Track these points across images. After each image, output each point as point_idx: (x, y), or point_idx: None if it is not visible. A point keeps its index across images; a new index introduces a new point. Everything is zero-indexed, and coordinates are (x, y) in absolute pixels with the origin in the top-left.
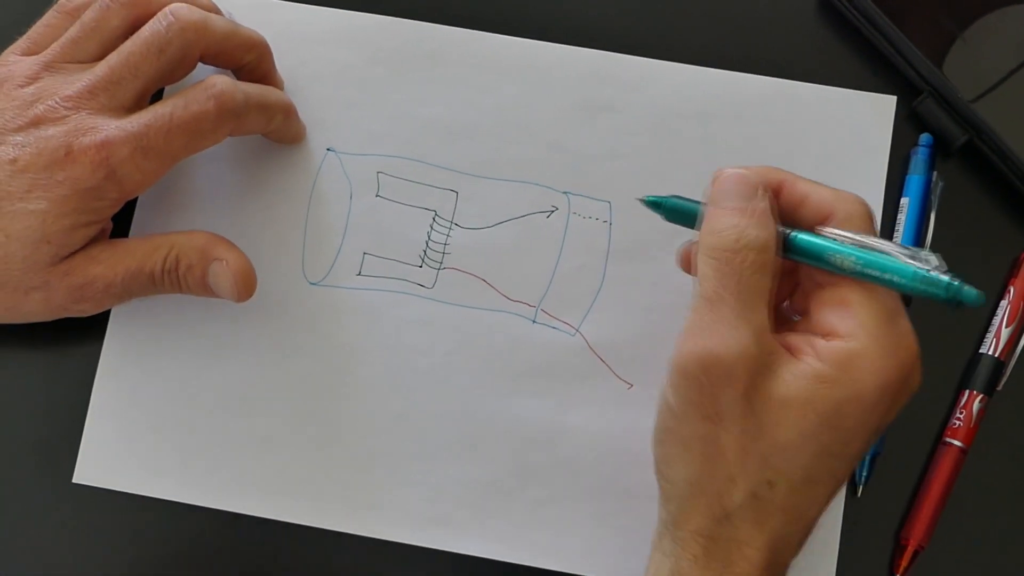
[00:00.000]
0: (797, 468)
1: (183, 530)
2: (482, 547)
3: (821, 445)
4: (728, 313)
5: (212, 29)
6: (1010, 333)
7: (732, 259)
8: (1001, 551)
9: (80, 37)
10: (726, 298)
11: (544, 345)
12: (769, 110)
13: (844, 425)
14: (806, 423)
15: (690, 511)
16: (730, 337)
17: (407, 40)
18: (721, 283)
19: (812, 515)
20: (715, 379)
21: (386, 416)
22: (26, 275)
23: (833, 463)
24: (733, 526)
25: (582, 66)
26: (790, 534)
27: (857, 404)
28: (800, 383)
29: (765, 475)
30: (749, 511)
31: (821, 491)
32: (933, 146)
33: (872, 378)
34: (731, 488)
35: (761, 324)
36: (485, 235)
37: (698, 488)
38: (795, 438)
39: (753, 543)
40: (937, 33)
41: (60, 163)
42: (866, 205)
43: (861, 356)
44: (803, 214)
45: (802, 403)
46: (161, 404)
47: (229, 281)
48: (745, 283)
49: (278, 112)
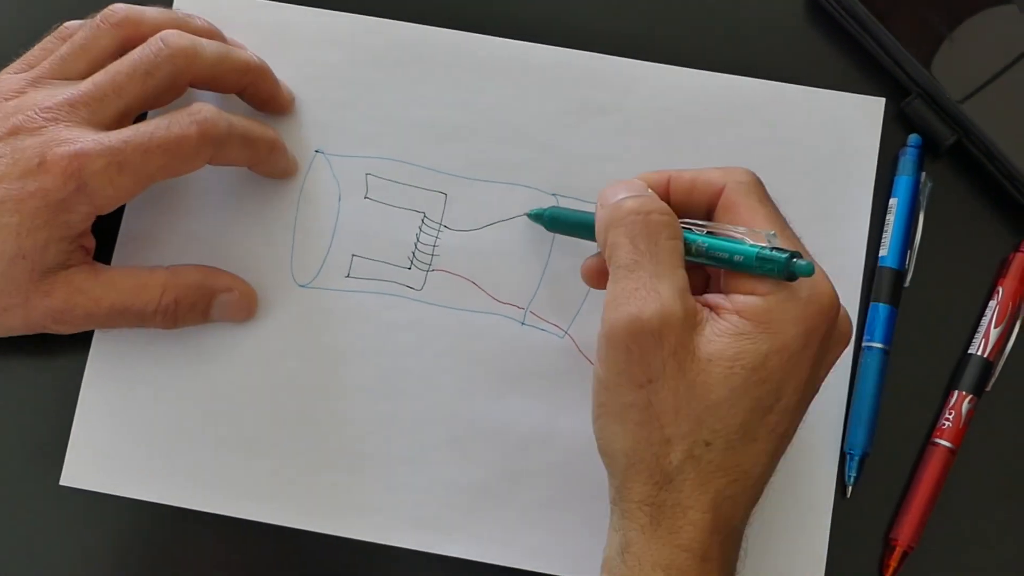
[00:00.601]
0: (732, 425)
1: (170, 533)
2: (471, 550)
3: (753, 399)
4: (647, 277)
5: (202, 56)
6: (999, 333)
7: (644, 221)
8: (990, 551)
9: (69, 55)
10: (642, 262)
11: (533, 347)
12: (758, 112)
13: (772, 377)
14: (735, 378)
15: (632, 481)
16: (653, 300)
17: (397, 42)
18: (635, 248)
19: (756, 472)
20: (643, 343)
21: (375, 418)
22: (5, 291)
23: (770, 417)
24: (676, 489)
25: (572, 68)
26: (735, 494)
27: (782, 354)
28: (725, 339)
29: (701, 435)
30: (689, 472)
31: (761, 447)
32: (921, 147)
33: (792, 327)
34: (668, 450)
35: (681, 284)
36: (474, 237)
37: (636, 456)
38: (726, 394)
39: (697, 506)
40: (925, 34)
41: (33, 173)
42: (753, 174)
43: (778, 308)
44: (696, 197)
45: (729, 359)
46: (149, 407)
47: (243, 309)
48: (659, 245)
49: (262, 146)
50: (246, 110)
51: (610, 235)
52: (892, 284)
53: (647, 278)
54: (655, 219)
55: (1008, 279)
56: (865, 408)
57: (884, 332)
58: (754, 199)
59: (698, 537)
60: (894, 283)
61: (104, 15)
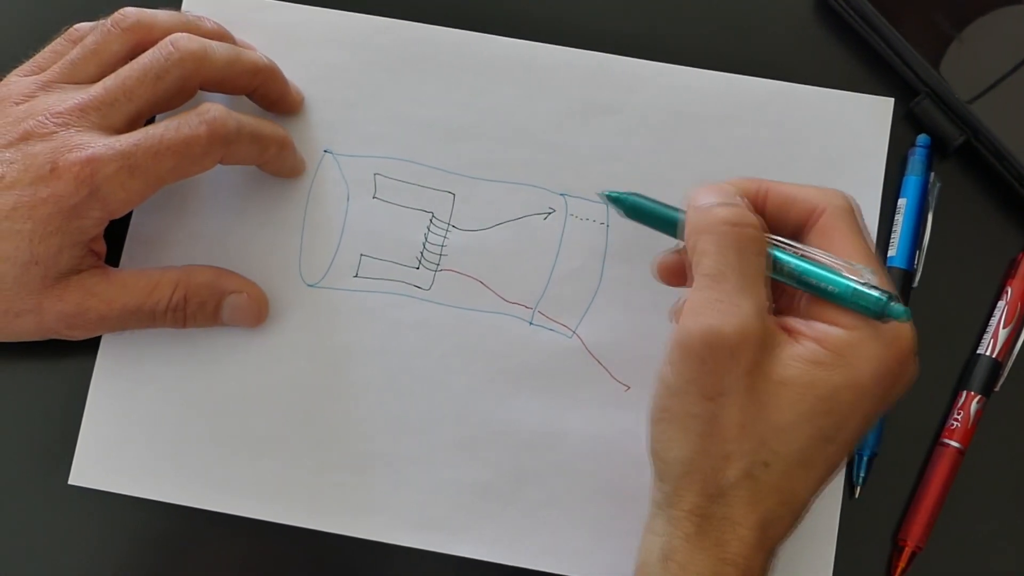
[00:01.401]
0: (793, 450)
1: (179, 532)
2: (478, 549)
3: (817, 428)
4: (731, 289)
5: (212, 59)
6: (1007, 334)
7: (734, 233)
8: (999, 552)
9: (79, 59)
10: (728, 274)
11: (541, 347)
12: (766, 112)
13: (840, 410)
14: (804, 405)
15: (684, 489)
16: (734, 314)
17: (405, 42)
18: (722, 258)
19: (804, 498)
20: (719, 356)
21: (382, 418)
22: (18, 296)
23: (828, 448)
24: (727, 504)
25: (580, 68)
26: (782, 515)
27: (853, 390)
28: (800, 365)
29: (761, 455)
30: (743, 490)
31: (815, 475)
32: (930, 147)
33: (868, 365)
34: (726, 466)
35: (762, 302)
36: (482, 237)
37: (693, 466)
38: (792, 419)
39: (745, 522)
40: (934, 34)
41: (45, 179)
42: (851, 199)
43: (859, 344)
44: (792, 215)
45: (802, 385)
46: (157, 406)
47: (253, 312)
48: (745, 259)
49: (272, 144)
50: (255, 111)
51: (699, 241)
52: (901, 284)
53: (731, 291)
54: (747, 233)
55: (1017, 279)
56: None
57: None
58: (849, 228)
59: (744, 552)
60: (903, 283)
61: (115, 19)
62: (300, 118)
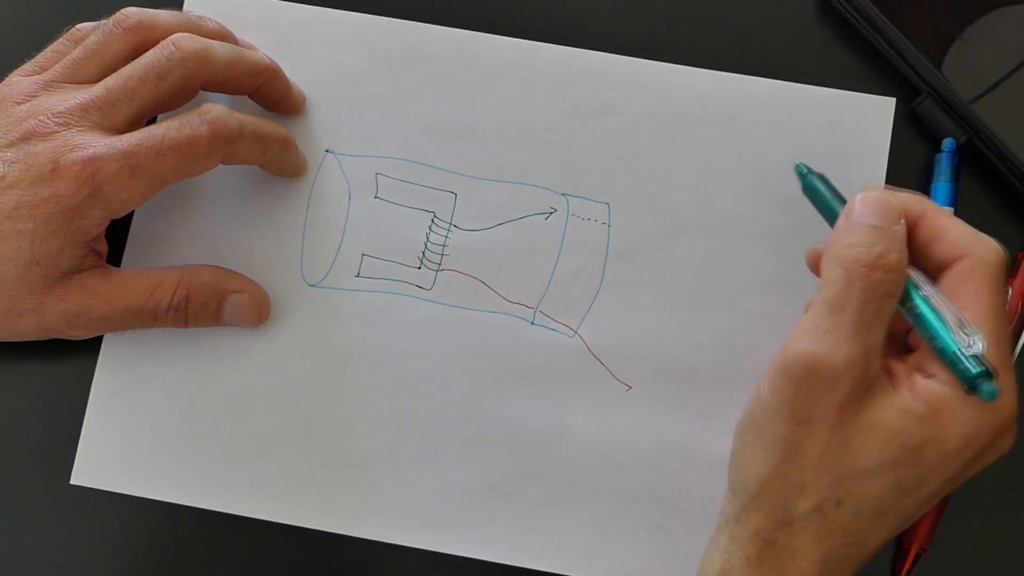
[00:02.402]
0: (868, 496)
1: (180, 532)
2: (480, 549)
3: (896, 478)
4: (846, 324)
5: (214, 59)
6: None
7: (866, 274)
8: (1002, 553)
9: (81, 59)
10: (847, 308)
11: (543, 347)
12: (768, 112)
13: (923, 464)
14: (888, 452)
15: (754, 510)
16: (842, 349)
17: (406, 41)
18: (847, 292)
19: (873, 545)
20: (816, 385)
21: (384, 418)
22: (20, 296)
23: (904, 500)
24: (793, 534)
25: (582, 68)
26: (846, 556)
27: (939, 447)
28: (891, 412)
29: (836, 493)
30: (812, 523)
31: (887, 524)
32: (957, 151)
33: (960, 427)
34: (799, 495)
35: (875, 344)
36: (484, 237)
37: (768, 487)
38: (874, 465)
39: (808, 556)
40: (936, 34)
41: (46, 178)
42: (1001, 254)
43: (953, 403)
44: (937, 249)
45: (890, 432)
46: (159, 405)
47: (254, 312)
48: (872, 301)
49: (274, 143)
50: (257, 111)
51: (829, 267)
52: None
53: (845, 326)
54: (878, 278)
55: (1018, 279)
56: None
57: None
58: (986, 284)
59: None
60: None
61: (116, 19)
62: (302, 118)
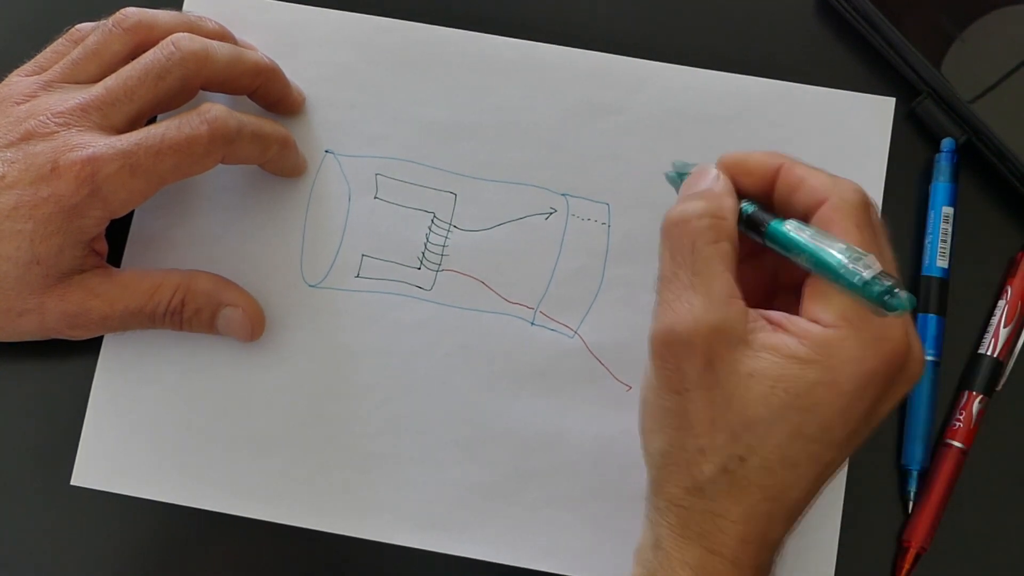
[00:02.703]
0: (770, 447)
1: (180, 532)
2: (480, 549)
3: (793, 425)
4: (681, 287)
5: (213, 59)
6: (1008, 333)
7: (679, 232)
8: (1003, 552)
9: (81, 59)
10: (679, 273)
11: (543, 347)
12: (768, 112)
13: (818, 408)
14: (775, 399)
15: (664, 481)
16: (685, 312)
17: (406, 42)
18: (673, 260)
19: (795, 496)
20: (676, 353)
21: (384, 418)
22: (20, 296)
23: (813, 447)
24: (708, 498)
25: (581, 68)
26: (771, 512)
27: (831, 389)
28: (772, 358)
29: (736, 449)
30: (723, 484)
31: (802, 473)
32: (956, 151)
33: (848, 367)
34: (701, 460)
35: (721, 292)
36: (484, 237)
37: (670, 459)
38: (764, 414)
39: (729, 515)
40: (935, 34)
41: (46, 178)
42: (862, 193)
43: (839, 345)
44: (798, 198)
45: (771, 378)
46: (158, 406)
47: (246, 328)
48: (696, 253)
49: (273, 143)
50: (256, 111)
51: (660, 247)
52: (940, 293)
53: (682, 289)
54: (692, 227)
55: (1017, 279)
56: (920, 423)
57: (934, 343)
58: (852, 222)
59: (729, 544)
60: (941, 292)
61: (116, 19)
62: (301, 118)
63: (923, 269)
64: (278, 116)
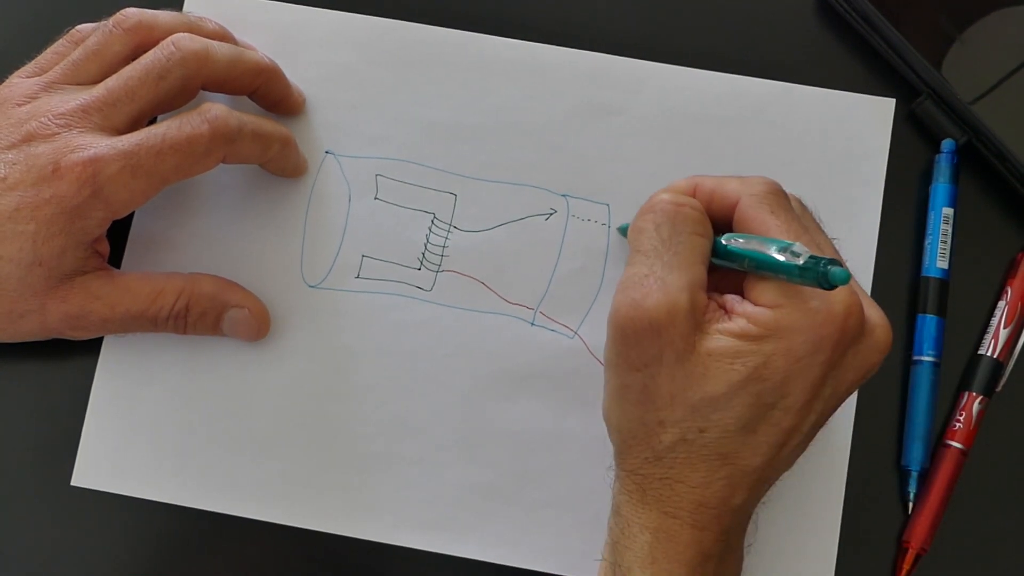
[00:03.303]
0: (729, 417)
1: (180, 533)
2: (481, 550)
3: (752, 395)
4: (659, 266)
5: (214, 59)
6: (1008, 334)
7: (674, 211)
8: (1003, 553)
9: (81, 60)
10: (661, 251)
11: (543, 347)
12: (768, 113)
13: (774, 376)
14: (733, 374)
15: (626, 453)
16: (658, 290)
17: (406, 42)
18: (658, 235)
19: (755, 463)
20: (640, 330)
21: (384, 419)
22: (22, 298)
23: (773, 413)
24: (667, 466)
25: (582, 69)
26: (729, 476)
27: (786, 356)
28: (728, 339)
29: (696, 422)
30: (681, 452)
31: (761, 439)
32: (956, 152)
33: (800, 335)
34: (661, 431)
35: (693, 279)
36: (484, 238)
37: (632, 433)
38: (723, 389)
39: (687, 480)
40: (935, 35)
41: (47, 180)
42: (770, 184)
43: (786, 319)
44: (716, 208)
45: (729, 356)
46: (159, 407)
47: (252, 328)
48: (680, 237)
49: (274, 142)
50: (257, 111)
51: (639, 220)
52: (940, 294)
53: (660, 268)
54: (685, 212)
55: (1017, 279)
56: (920, 424)
57: (934, 343)
58: (765, 211)
59: (687, 507)
60: (940, 293)
61: (116, 20)
62: (302, 119)
63: (923, 270)
64: (278, 116)
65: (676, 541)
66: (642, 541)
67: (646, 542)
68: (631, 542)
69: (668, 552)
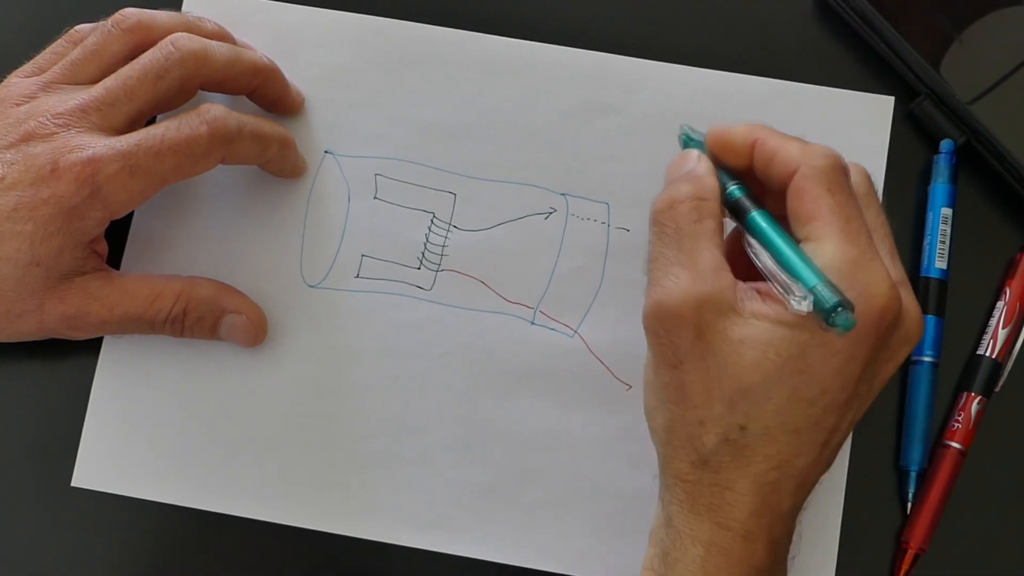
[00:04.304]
0: (767, 411)
1: (180, 533)
2: (480, 549)
3: (790, 389)
4: (669, 263)
5: (212, 59)
6: (1007, 334)
7: (664, 217)
8: (1002, 553)
9: (80, 60)
10: (666, 252)
11: (542, 346)
12: (767, 111)
13: (812, 370)
14: (768, 363)
15: (671, 457)
16: (673, 285)
17: (405, 42)
18: (661, 241)
19: (801, 464)
20: (668, 327)
21: (384, 418)
22: (20, 298)
23: (813, 411)
24: (713, 470)
25: (580, 67)
26: (779, 481)
27: (824, 350)
28: (761, 324)
29: (735, 418)
30: (726, 455)
31: (805, 439)
32: (955, 152)
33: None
34: (701, 432)
35: (707, 264)
36: (483, 237)
37: (673, 434)
38: (758, 379)
39: (736, 487)
40: (934, 35)
41: (46, 179)
42: (832, 158)
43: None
44: (773, 171)
45: (762, 343)
46: (158, 407)
47: (249, 334)
48: (683, 233)
49: (273, 142)
50: (256, 111)
51: (649, 233)
52: (938, 295)
53: (669, 264)
54: (677, 211)
55: (1016, 280)
56: (919, 424)
57: (933, 344)
58: (822, 187)
59: (738, 517)
60: (939, 293)
61: (115, 20)
62: (301, 119)
63: (922, 270)
64: (277, 116)
65: (728, 555)
66: (693, 554)
67: (698, 555)
68: (682, 554)
69: (720, 566)
